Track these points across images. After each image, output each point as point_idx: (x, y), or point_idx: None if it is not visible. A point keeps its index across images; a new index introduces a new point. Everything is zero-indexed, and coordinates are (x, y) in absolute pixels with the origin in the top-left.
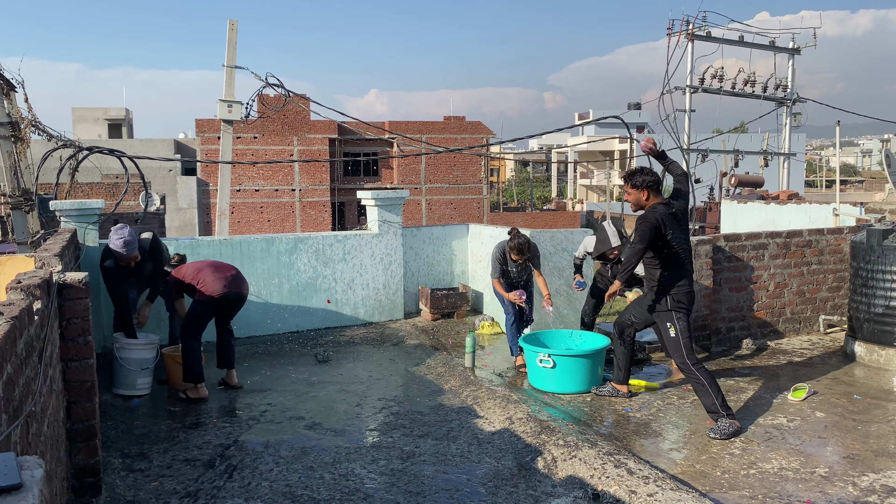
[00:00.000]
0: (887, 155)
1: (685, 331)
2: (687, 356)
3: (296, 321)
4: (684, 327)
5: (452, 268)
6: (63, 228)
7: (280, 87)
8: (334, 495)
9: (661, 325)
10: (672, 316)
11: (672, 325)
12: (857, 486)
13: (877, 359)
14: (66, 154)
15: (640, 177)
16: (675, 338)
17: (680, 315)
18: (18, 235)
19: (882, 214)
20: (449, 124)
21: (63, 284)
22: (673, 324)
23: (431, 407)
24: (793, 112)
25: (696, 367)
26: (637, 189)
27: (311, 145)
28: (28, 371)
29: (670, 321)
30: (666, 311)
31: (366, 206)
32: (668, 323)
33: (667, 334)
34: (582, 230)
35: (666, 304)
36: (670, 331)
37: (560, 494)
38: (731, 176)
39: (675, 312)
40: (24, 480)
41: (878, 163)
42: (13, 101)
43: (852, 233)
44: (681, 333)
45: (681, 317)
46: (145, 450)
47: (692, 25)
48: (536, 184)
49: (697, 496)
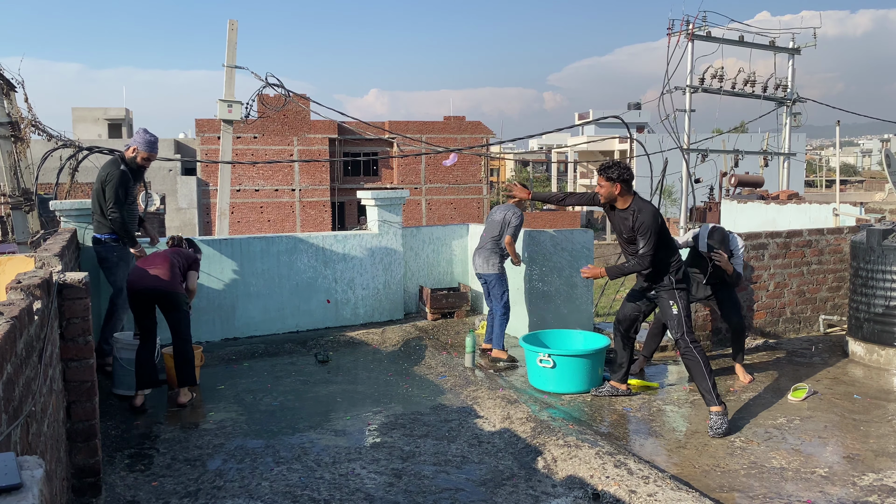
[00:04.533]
0: (887, 155)
1: (686, 308)
2: (686, 333)
3: (296, 321)
4: (685, 304)
5: (452, 268)
6: (63, 228)
7: (280, 86)
8: (334, 495)
9: (663, 302)
10: (675, 294)
11: (675, 303)
12: (857, 485)
13: (877, 359)
14: (66, 154)
15: (616, 170)
16: (676, 314)
17: (681, 293)
18: (18, 235)
19: (882, 214)
20: (449, 124)
21: (63, 284)
22: (675, 301)
23: (431, 407)
24: (793, 112)
25: (693, 346)
26: (611, 182)
27: (311, 145)
28: (28, 371)
29: (672, 299)
30: (670, 289)
31: (366, 206)
32: (671, 301)
33: (669, 311)
34: (581, 230)
35: (670, 283)
36: (672, 308)
37: (560, 494)
38: (731, 176)
39: (677, 291)
40: (24, 480)
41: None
42: (13, 101)
43: (852, 233)
44: (682, 310)
45: (682, 295)
46: (145, 450)
47: (692, 25)
48: (536, 184)
49: (697, 496)
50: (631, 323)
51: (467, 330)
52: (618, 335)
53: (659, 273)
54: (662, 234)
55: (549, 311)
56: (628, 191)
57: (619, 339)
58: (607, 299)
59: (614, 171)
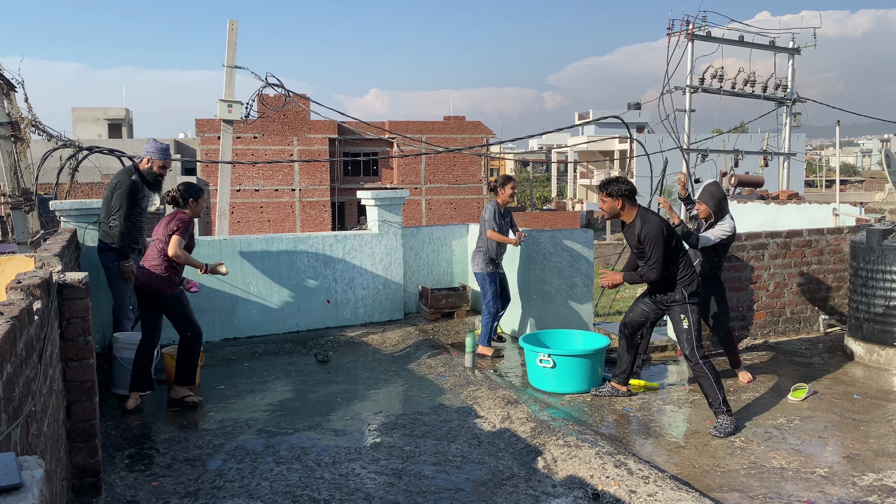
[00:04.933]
0: (887, 155)
1: (697, 323)
2: (696, 349)
3: (295, 321)
4: (696, 319)
5: (452, 268)
6: (63, 228)
7: (280, 86)
8: (334, 495)
9: (674, 315)
10: (687, 308)
11: (686, 317)
12: (857, 485)
13: (877, 359)
14: (66, 154)
15: (616, 185)
16: (686, 329)
17: (693, 307)
18: (18, 235)
19: (882, 214)
20: (449, 124)
21: (63, 284)
22: (687, 315)
23: (431, 407)
24: (793, 112)
25: (703, 361)
26: (612, 198)
27: (311, 145)
28: (28, 371)
29: (684, 313)
30: (682, 302)
31: (366, 206)
32: (681, 315)
33: (679, 325)
34: (582, 230)
35: (682, 296)
36: (683, 322)
37: (560, 494)
38: (731, 176)
39: (689, 305)
40: (24, 480)
41: (878, 163)
42: (13, 101)
43: (852, 233)
44: (693, 325)
45: (694, 309)
46: (145, 450)
47: (692, 25)
48: (536, 184)
49: (697, 496)
50: (637, 328)
51: (467, 330)
52: (623, 338)
53: (670, 285)
54: (670, 246)
55: (549, 311)
56: (632, 204)
57: (624, 343)
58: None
59: (614, 187)
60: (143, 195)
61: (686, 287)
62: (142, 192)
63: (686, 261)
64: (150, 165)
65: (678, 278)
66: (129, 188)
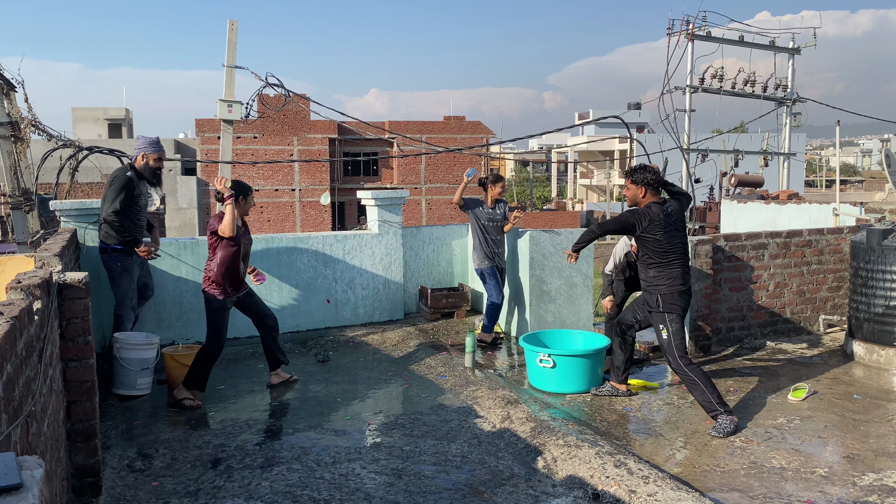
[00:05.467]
0: (887, 155)
1: (678, 332)
2: (679, 358)
3: (296, 321)
4: (677, 329)
5: (452, 268)
6: (63, 228)
7: (280, 86)
8: (334, 495)
9: (654, 325)
10: (665, 318)
11: (665, 328)
12: (857, 485)
13: (877, 359)
14: (66, 154)
15: (642, 174)
16: (666, 339)
17: (673, 317)
18: (18, 235)
19: (882, 214)
20: (449, 124)
21: (63, 284)
22: (665, 326)
23: (431, 407)
24: (793, 112)
25: (688, 368)
26: (636, 185)
27: (311, 145)
28: (28, 371)
29: (662, 323)
30: (659, 312)
31: (366, 206)
32: (660, 325)
33: (659, 335)
34: (582, 230)
35: (658, 305)
36: (662, 332)
37: (560, 494)
38: (731, 176)
39: (667, 314)
40: (24, 480)
41: (878, 163)
42: (13, 101)
43: (852, 233)
44: (673, 336)
45: (674, 318)
46: (145, 450)
47: (692, 25)
48: (536, 184)
49: (697, 496)
50: (628, 327)
51: (467, 330)
52: (615, 336)
53: (649, 290)
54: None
55: (548, 311)
56: (654, 194)
57: (617, 340)
58: None
59: (640, 175)
60: (141, 192)
61: (665, 295)
62: (138, 188)
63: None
64: (146, 161)
65: (655, 285)
66: (123, 183)
